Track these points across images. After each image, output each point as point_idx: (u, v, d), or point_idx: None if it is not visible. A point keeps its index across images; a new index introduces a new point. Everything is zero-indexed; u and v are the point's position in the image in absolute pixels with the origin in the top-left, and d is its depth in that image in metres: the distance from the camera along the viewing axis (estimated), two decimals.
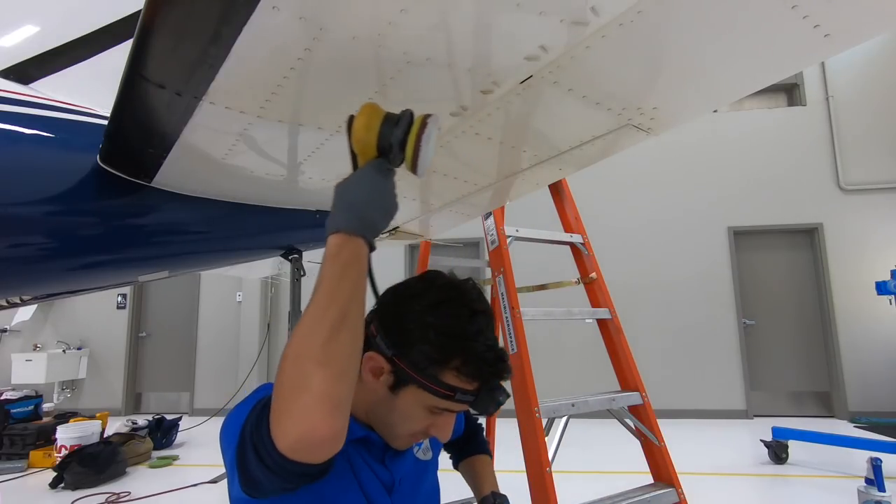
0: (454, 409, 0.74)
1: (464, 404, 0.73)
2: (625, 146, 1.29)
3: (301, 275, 2.02)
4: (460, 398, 0.71)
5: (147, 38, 0.81)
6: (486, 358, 0.72)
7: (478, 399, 0.72)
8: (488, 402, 0.72)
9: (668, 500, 1.98)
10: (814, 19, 0.77)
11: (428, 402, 0.73)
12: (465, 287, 0.79)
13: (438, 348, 0.72)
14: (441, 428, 0.76)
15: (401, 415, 0.75)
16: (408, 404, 0.74)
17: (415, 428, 0.76)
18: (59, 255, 1.36)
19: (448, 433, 0.77)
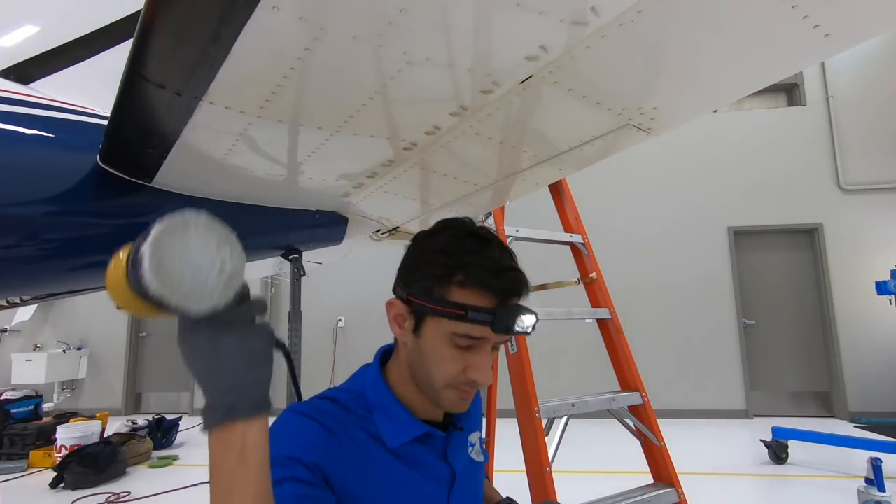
0: (475, 334, 0.68)
1: (482, 325, 0.67)
2: (625, 146, 1.29)
3: (301, 275, 2.02)
4: (473, 317, 0.67)
5: (147, 38, 0.82)
6: (490, 268, 0.69)
7: (495, 316, 0.66)
8: (506, 317, 0.66)
9: (668, 500, 1.98)
10: (814, 19, 0.77)
11: (447, 330, 0.69)
12: (465, 219, 0.78)
13: (439, 266, 0.71)
14: (477, 368, 0.70)
15: (431, 358, 0.71)
16: (433, 343, 0.71)
17: (450, 372, 0.70)
18: (60, 255, 1.36)
19: (487, 373, 0.70)
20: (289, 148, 1.29)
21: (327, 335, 6.61)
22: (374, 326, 6.04)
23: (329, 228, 1.95)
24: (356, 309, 6.57)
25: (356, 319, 6.59)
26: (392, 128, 1.20)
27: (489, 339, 0.70)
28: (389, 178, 1.53)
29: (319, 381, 6.38)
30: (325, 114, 1.11)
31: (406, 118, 1.16)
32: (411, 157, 1.36)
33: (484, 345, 0.71)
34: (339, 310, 6.63)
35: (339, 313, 6.63)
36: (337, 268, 5.11)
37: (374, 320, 4.81)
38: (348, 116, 1.12)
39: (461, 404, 0.74)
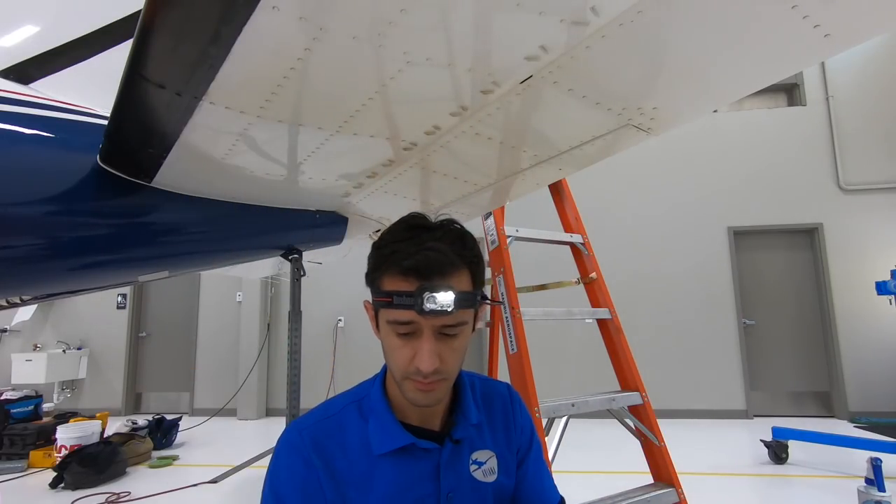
0: (403, 318, 0.69)
1: (407, 309, 0.68)
2: (625, 146, 1.29)
3: (301, 275, 2.02)
4: (398, 301, 0.69)
5: (147, 38, 0.81)
6: (407, 252, 0.71)
7: (415, 298, 0.67)
8: (422, 297, 0.67)
9: (668, 500, 1.98)
10: (814, 19, 0.77)
11: (387, 319, 0.72)
12: (413, 213, 0.80)
13: (374, 259, 0.76)
14: (419, 355, 0.70)
15: (387, 351, 0.74)
16: (385, 335, 0.74)
17: (400, 362, 0.72)
18: (60, 255, 1.36)
19: (427, 360, 0.69)
20: (289, 148, 1.29)
21: (327, 335, 6.61)
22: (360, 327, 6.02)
23: (329, 228, 1.95)
24: (356, 309, 6.56)
25: (356, 319, 6.59)
26: (392, 128, 1.20)
27: (420, 323, 0.70)
28: (389, 178, 1.53)
29: (319, 381, 6.38)
30: (326, 114, 1.11)
31: (406, 118, 1.16)
32: (411, 157, 1.36)
33: (421, 329, 0.70)
34: (339, 310, 6.63)
35: (339, 313, 6.63)
36: (337, 268, 5.11)
37: None
38: (348, 116, 1.12)
39: (422, 396, 0.73)
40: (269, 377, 6.67)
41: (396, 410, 0.79)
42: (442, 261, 0.71)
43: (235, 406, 6.43)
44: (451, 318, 0.70)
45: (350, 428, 0.78)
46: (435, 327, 0.70)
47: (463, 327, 0.73)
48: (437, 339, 0.71)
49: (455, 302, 0.68)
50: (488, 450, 0.84)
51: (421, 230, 0.75)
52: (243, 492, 3.71)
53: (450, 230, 0.76)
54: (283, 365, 6.18)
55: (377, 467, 0.75)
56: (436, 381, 0.72)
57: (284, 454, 0.76)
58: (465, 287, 0.72)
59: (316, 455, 0.74)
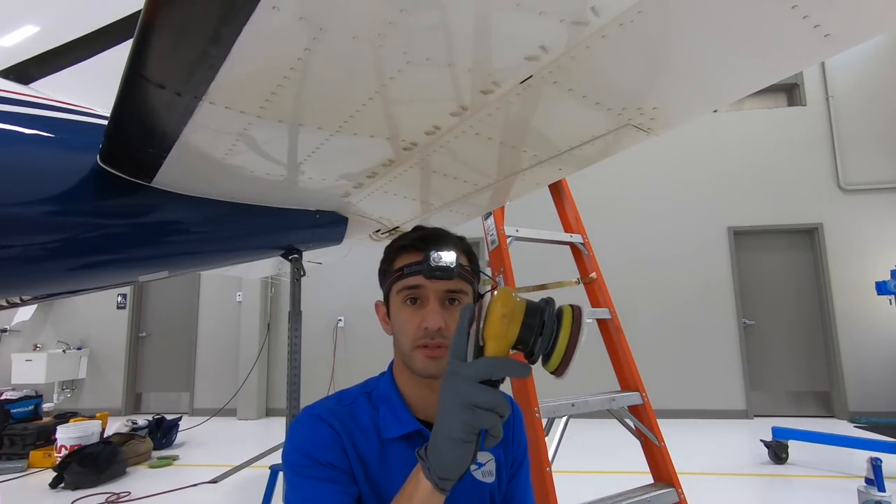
0: (412, 283, 0.81)
1: (416, 275, 0.80)
2: (625, 146, 1.29)
3: (301, 275, 2.02)
4: (408, 270, 0.81)
5: (147, 38, 0.82)
6: (415, 235, 0.86)
7: (422, 263, 0.78)
8: (428, 262, 0.77)
9: (668, 500, 1.98)
10: (814, 19, 0.77)
11: (396, 292, 0.83)
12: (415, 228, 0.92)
13: (385, 254, 0.89)
14: (426, 316, 0.79)
15: (398, 328, 0.83)
16: (396, 313, 0.84)
17: (410, 329, 0.80)
18: (60, 255, 1.36)
19: (435, 317, 0.79)
20: (289, 148, 1.29)
21: (327, 335, 6.61)
22: (374, 326, 5.99)
23: (329, 228, 1.95)
24: (356, 309, 6.57)
25: (356, 319, 6.59)
26: (392, 128, 1.20)
27: (427, 287, 0.80)
28: (389, 178, 1.53)
29: (319, 381, 6.38)
30: (326, 114, 1.11)
31: (406, 118, 1.16)
32: (411, 157, 1.36)
33: (427, 294, 0.81)
34: (339, 310, 6.63)
35: (339, 313, 6.63)
36: (337, 268, 5.11)
37: (374, 320, 4.85)
38: (348, 116, 1.12)
39: (431, 363, 0.79)
40: (269, 377, 6.67)
41: (407, 403, 0.84)
42: (444, 235, 0.86)
43: (235, 406, 6.44)
44: (453, 284, 0.80)
45: (362, 415, 0.83)
46: (440, 292, 0.80)
47: (463, 297, 0.83)
48: (440, 305, 0.81)
49: (457, 263, 0.77)
50: (488, 452, 0.88)
51: (420, 229, 0.89)
52: (243, 492, 3.71)
53: (447, 232, 0.89)
54: (283, 365, 6.18)
55: (388, 451, 0.80)
56: (442, 345, 0.79)
57: (306, 421, 0.81)
58: (464, 262, 0.84)
59: (338, 424, 0.80)
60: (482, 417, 0.60)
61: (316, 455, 0.77)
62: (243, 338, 6.61)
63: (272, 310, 6.83)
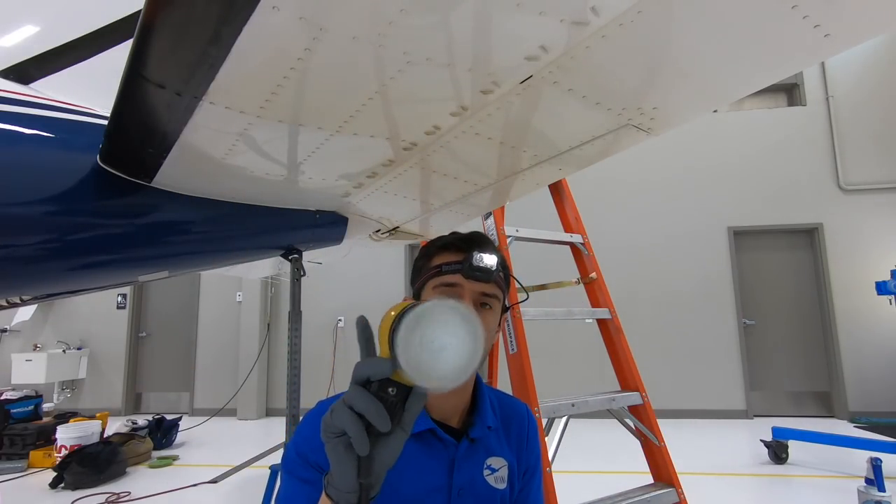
0: (449, 281, 0.82)
1: (454, 273, 0.82)
2: (625, 146, 1.29)
3: (301, 275, 2.02)
4: (446, 269, 0.82)
5: (147, 38, 0.82)
6: (458, 236, 0.88)
7: (462, 263, 0.80)
8: (470, 260, 0.80)
9: (668, 500, 1.98)
10: (814, 19, 0.77)
11: (433, 286, 0.84)
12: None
13: (424, 251, 0.90)
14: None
15: None
16: None
17: None
18: (60, 255, 1.36)
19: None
20: (289, 148, 1.29)
21: (327, 335, 6.61)
22: (374, 326, 6.02)
23: (329, 228, 1.95)
24: (356, 309, 6.56)
25: None
26: (392, 128, 1.20)
27: (464, 286, 0.81)
28: (389, 178, 1.53)
29: (320, 381, 6.38)
30: (326, 114, 1.11)
31: (406, 118, 1.16)
32: (411, 157, 1.36)
33: (462, 294, 0.82)
34: (339, 310, 6.63)
35: (339, 313, 6.63)
36: (337, 268, 5.12)
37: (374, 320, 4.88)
38: (348, 116, 1.12)
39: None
40: (269, 377, 6.67)
41: None
42: (485, 240, 0.87)
43: (235, 406, 6.44)
44: (489, 287, 0.82)
45: None
46: (475, 293, 0.82)
47: (495, 303, 0.84)
48: (475, 308, 0.81)
49: (497, 267, 0.81)
50: (502, 458, 0.87)
51: (459, 233, 0.91)
52: (243, 492, 3.71)
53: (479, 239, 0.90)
54: (283, 365, 6.18)
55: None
56: None
57: (312, 422, 0.79)
58: None
59: None
60: (337, 416, 0.52)
61: (308, 455, 0.75)
62: (243, 338, 6.61)
63: (272, 310, 6.83)
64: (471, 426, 0.84)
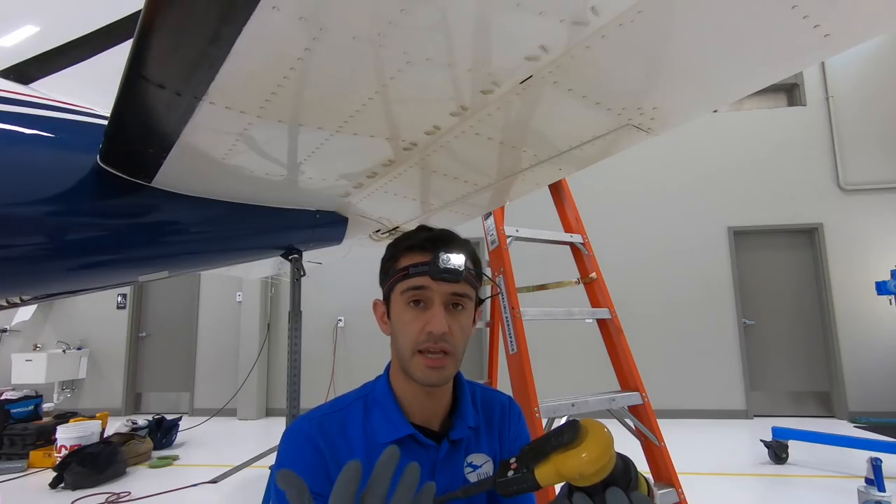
0: (418, 284, 0.78)
1: (422, 276, 0.78)
2: (625, 146, 1.29)
3: (301, 275, 2.02)
4: (413, 270, 0.79)
5: (147, 38, 0.82)
6: (423, 235, 0.83)
7: (429, 264, 0.77)
8: (437, 261, 0.76)
9: (668, 500, 1.98)
10: (814, 19, 0.77)
11: (400, 292, 0.80)
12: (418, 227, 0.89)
13: (390, 251, 0.86)
14: (430, 321, 0.77)
15: (399, 329, 0.81)
16: (397, 313, 0.81)
17: (412, 333, 0.78)
18: (60, 255, 1.36)
19: (440, 322, 0.76)
20: (289, 148, 1.29)
21: (327, 335, 6.61)
22: (374, 326, 5.99)
23: (329, 228, 1.95)
24: (356, 309, 6.57)
25: (356, 319, 6.59)
26: (392, 128, 1.20)
27: (433, 289, 0.78)
28: (389, 178, 1.53)
29: (319, 382, 6.38)
30: (326, 114, 1.11)
31: (406, 118, 1.16)
32: (411, 157, 1.36)
33: (431, 297, 0.78)
34: (339, 310, 6.63)
35: (339, 313, 6.63)
36: (337, 268, 5.12)
37: (374, 320, 4.93)
38: (348, 116, 1.12)
39: (430, 373, 0.78)
40: (269, 377, 6.67)
41: (402, 407, 0.82)
42: (453, 236, 0.84)
43: (235, 406, 6.44)
44: (459, 287, 0.78)
45: (353, 422, 0.82)
46: (445, 295, 0.78)
47: (467, 302, 0.81)
48: (445, 309, 0.78)
49: (466, 266, 0.77)
50: (484, 454, 0.86)
51: (427, 229, 0.86)
52: (243, 492, 3.71)
53: (447, 235, 0.86)
54: (283, 365, 6.18)
55: (377, 456, 0.77)
56: (445, 350, 0.77)
57: (293, 440, 0.81)
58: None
59: (323, 441, 0.79)
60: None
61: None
62: (243, 338, 6.61)
63: (272, 310, 6.83)
64: (451, 428, 0.83)
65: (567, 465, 0.56)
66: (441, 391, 0.83)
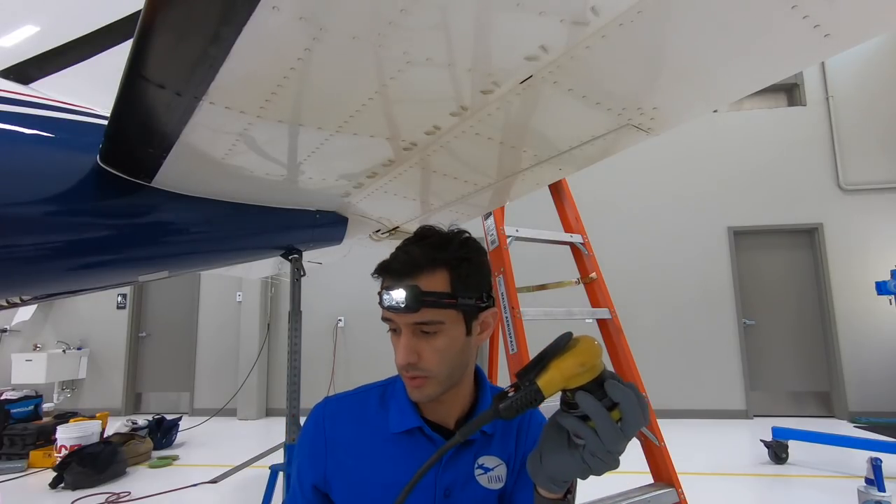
0: (385, 316, 0.77)
1: (385, 308, 0.76)
2: (625, 146, 1.29)
3: (301, 275, 2.02)
4: (381, 301, 0.76)
5: (147, 38, 0.82)
6: (383, 262, 0.79)
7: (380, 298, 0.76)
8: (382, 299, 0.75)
9: (668, 500, 1.98)
10: (814, 19, 0.77)
11: (382, 315, 0.79)
12: (421, 227, 0.85)
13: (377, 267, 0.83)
14: (397, 350, 0.77)
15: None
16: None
17: (396, 358, 0.79)
18: (60, 255, 1.36)
19: (399, 353, 0.76)
20: (289, 148, 1.29)
21: (327, 335, 6.61)
22: (374, 326, 6.04)
23: (329, 228, 1.95)
24: (356, 309, 6.57)
25: (356, 319, 6.59)
26: (392, 128, 1.20)
27: (396, 320, 0.77)
28: (389, 178, 1.54)
29: (320, 381, 6.38)
30: (326, 114, 1.11)
31: (406, 118, 1.16)
32: (411, 157, 1.36)
33: (398, 326, 0.77)
34: (339, 310, 6.63)
35: (339, 313, 6.63)
36: (337, 268, 5.12)
37: (374, 320, 4.91)
38: (348, 116, 1.12)
39: (412, 391, 0.79)
40: (269, 377, 6.67)
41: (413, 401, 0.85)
42: (404, 261, 0.77)
43: (235, 406, 6.44)
44: (419, 316, 0.74)
45: (370, 409, 0.86)
46: (409, 325, 0.76)
47: (440, 326, 0.76)
48: (414, 336, 0.76)
49: (408, 299, 0.72)
50: (497, 457, 0.86)
51: (414, 238, 0.82)
52: (243, 492, 3.71)
53: (437, 234, 0.82)
54: (283, 365, 6.18)
55: (386, 448, 0.82)
56: (417, 376, 0.77)
57: (310, 420, 0.88)
58: (437, 288, 0.75)
59: (329, 424, 0.85)
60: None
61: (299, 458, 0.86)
62: (243, 338, 6.61)
63: (272, 310, 6.83)
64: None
65: (567, 365, 0.59)
66: (449, 395, 0.82)
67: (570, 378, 0.60)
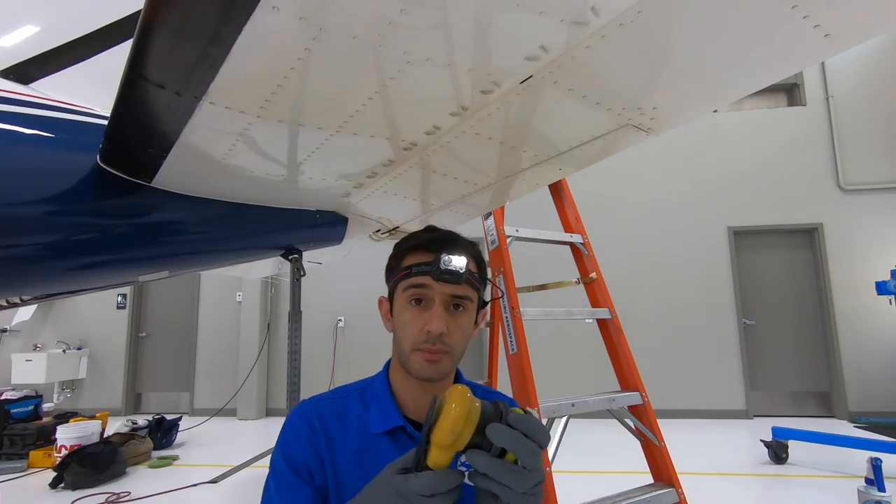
0: (419, 283, 0.80)
1: (424, 275, 0.79)
2: (625, 146, 1.29)
3: (301, 275, 2.02)
4: (416, 270, 0.80)
5: (147, 38, 0.82)
6: (427, 236, 0.85)
7: (431, 265, 0.78)
8: (438, 262, 0.77)
9: (668, 500, 1.98)
10: (814, 19, 0.77)
11: (402, 290, 0.82)
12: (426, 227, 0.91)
13: (394, 251, 0.88)
14: (429, 320, 0.78)
15: (400, 326, 0.83)
16: (399, 311, 0.83)
17: (413, 331, 0.80)
18: (60, 255, 1.36)
19: (439, 322, 0.78)
20: (289, 148, 1.29)
21: (327, 335, 6.61)
22: (374, 326, 6.04)
23: (329, 228, 1.95)
24: (356, 309, 6.57)
25: (356, 319, 6.59)
26: (392, 128, 1.20)
27: (433, 288, 0.79)
28: (389, 177, 1.54)
29: (319, 381, 6.37)
30: (326, 114, 1.11)
31: (406, 118, 1.16)
32: (411, 157, 1.36)
33: (432, 296, 0.80)
34: (339, 310, 6.63)
35: (339, 313, 6.63)
36: (337, 268, 5.12)
37: (374, 320, 4.89)
38: (348, 116, 1.12)
39: (428, 367, 0.80)
40: (269, 377, 6.67)
41: (397, 401, 0.85)
42: (456, 238, 0.85)
43: (235, 406, 6.43)
44: (460, 289, 0.79)
45: (351, 411, 0.86)
46: (445, 296, 0.79)
47: (468, 304, 0.82)
48: (445, 311, 0.80)
49: (467, 269, 0.78)
50: None
51: (433, 229, 0.88)
52: (243, 492, 3.71)
53: (458, 234, 0.89)
54: (283, 365, 6.18)
55: (370, 448, 0.82)
56: (442, 350, 0.79)
57: (295, 420, 0.86)
58: (473, 269, 0.82)
59: (320, 424, 0.83)
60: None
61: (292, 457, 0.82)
62: (243, 338, 6.61)
63: (272, 310, 6.82)
64: None
65: (441, 437, 0.57)
66: (437, 388, 0.83)
67: (451, 446, 0.57)
